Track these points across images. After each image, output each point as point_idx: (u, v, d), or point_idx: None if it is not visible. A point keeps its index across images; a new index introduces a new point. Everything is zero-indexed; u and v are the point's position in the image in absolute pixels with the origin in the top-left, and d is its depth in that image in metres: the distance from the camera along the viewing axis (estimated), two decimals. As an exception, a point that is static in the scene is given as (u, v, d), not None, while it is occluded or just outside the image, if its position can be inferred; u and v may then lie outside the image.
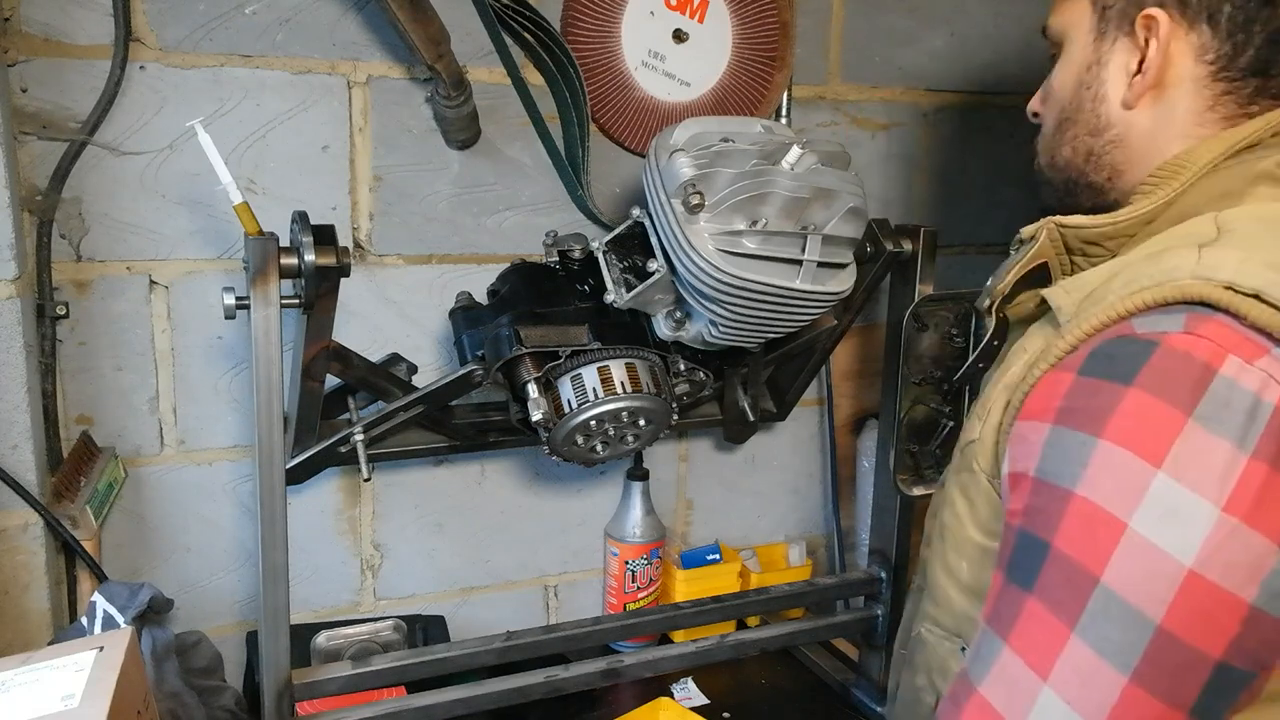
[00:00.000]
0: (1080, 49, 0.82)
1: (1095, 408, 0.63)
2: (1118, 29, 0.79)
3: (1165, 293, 0.65)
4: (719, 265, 1.01)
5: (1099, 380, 0.64)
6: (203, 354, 1.22)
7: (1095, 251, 0.80)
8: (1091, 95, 0.81)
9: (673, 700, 1.28)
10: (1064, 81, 0.84)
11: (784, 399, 1.44)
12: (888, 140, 1.55)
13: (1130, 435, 0.61)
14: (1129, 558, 0.60)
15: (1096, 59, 0.81)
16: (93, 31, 1.09)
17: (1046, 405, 0.67)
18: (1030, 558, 0.64)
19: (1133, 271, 0.69)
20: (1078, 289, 0.74)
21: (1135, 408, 0.61)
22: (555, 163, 1.31)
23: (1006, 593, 0.66)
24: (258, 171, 1.19)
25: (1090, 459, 0.62)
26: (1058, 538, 0.63)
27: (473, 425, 1.26)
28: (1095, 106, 0.81)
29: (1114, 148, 0.81)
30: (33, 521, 1.07)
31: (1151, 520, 0.59)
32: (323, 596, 1.34)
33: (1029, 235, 0.82)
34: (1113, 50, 0.80)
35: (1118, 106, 0.80)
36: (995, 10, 1.57)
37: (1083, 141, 0.83)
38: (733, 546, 1.55)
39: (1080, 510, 0.62)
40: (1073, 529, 0.62)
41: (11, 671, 0.83)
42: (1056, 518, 0.63)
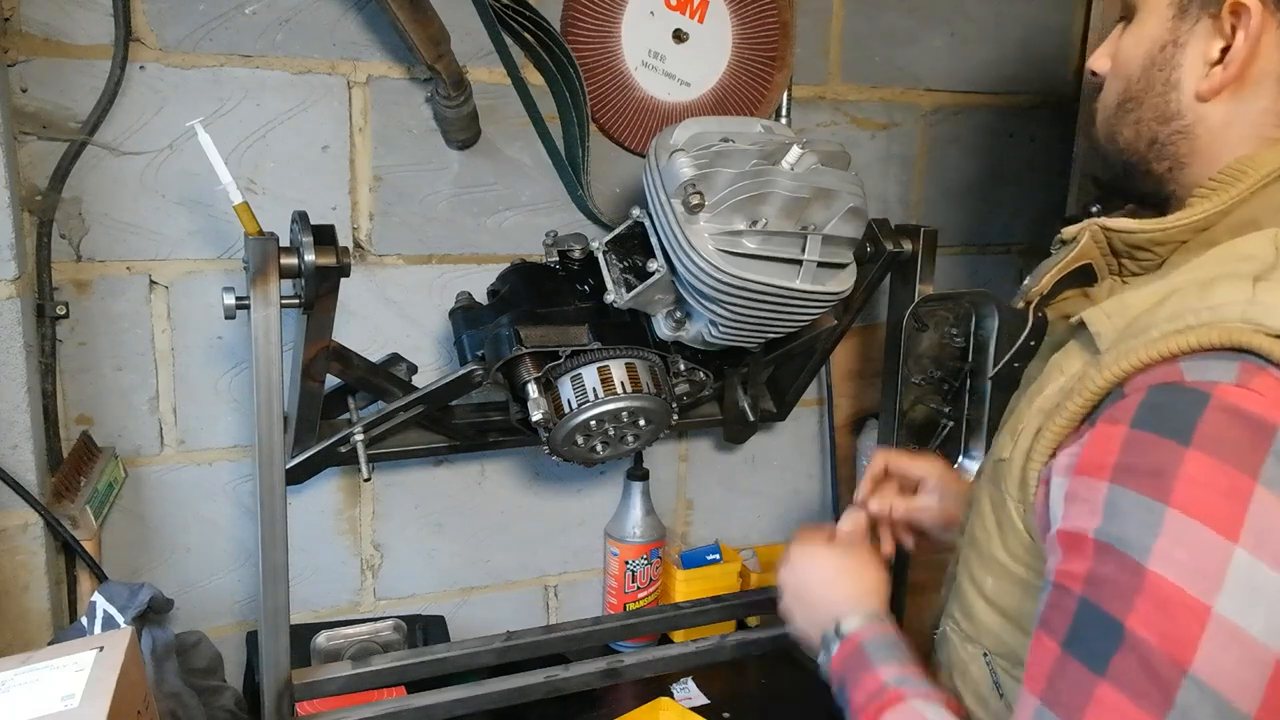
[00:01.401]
0: (1156, 23, 0.74)
1: (1155, 468, 0.59)
2: (1201, 9, 0.72)
3: (1213, 337, 0.61)
4: (719, 265, 1.01)
5: (1154, 435, 0.60)
6: (203, 354, 1.22)
7: (1144, 256, 0.75)
8: (1163, 79, 0.74)
9: (673, 700, 1.28)
10: (1133, 54, 0.76)
11: (784, 399, 1.44)
12: (888, 140, 1.55)
13: (1201, 505, 0.58)
14: (1218, 645, 0.56)
15: (1173, 39, 0.73)
16: (93, 31, 1.09)
17: (1102, 461, 0.63)
18: (1100, 637, 0.60)
19: (1180, 302, 0.65)
20: (1119, 313, 0.69)
21: (1199, 472, 0.58)
22: (555, 163, 1.31)
23: (1068, 670, 0.61)
24: (258, 171, 1.19)
25: (1161, 529, 0.58)
26: (1133, 619, 0.58)
27: (473, 425, 1.26)
28: (1166, 92, 0.74)
29: (1180, 139, 0.74)
30: (33, 521, 1.07)
31: (1237, 603, 0.56)
32: (323, 596, 1.34)
33: (1070, 236, 0.77)
34: (1193, 33, 0.72)
35: (1191, 96, 0.73)
36: (995, 10, 1.57)
37: (1148, 127, 0.75)
38: (733, 546, 1.55)
39: (1157, 591, 0.58)
40: (1150, 612, 0.58)
41: (11, 671, 0.83)
42: (1129, 595, 0.59)
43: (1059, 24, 1.63)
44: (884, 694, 0.78)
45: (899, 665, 0.80)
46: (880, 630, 0.85)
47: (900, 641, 0.84)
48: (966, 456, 1.37)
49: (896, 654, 0.82)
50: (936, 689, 0.78)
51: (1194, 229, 0.72)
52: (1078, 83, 1.65)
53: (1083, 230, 0.77)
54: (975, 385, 1.34)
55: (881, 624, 0.86)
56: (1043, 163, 1.67)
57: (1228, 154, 0.73)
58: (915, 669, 0.80)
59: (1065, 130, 1.66)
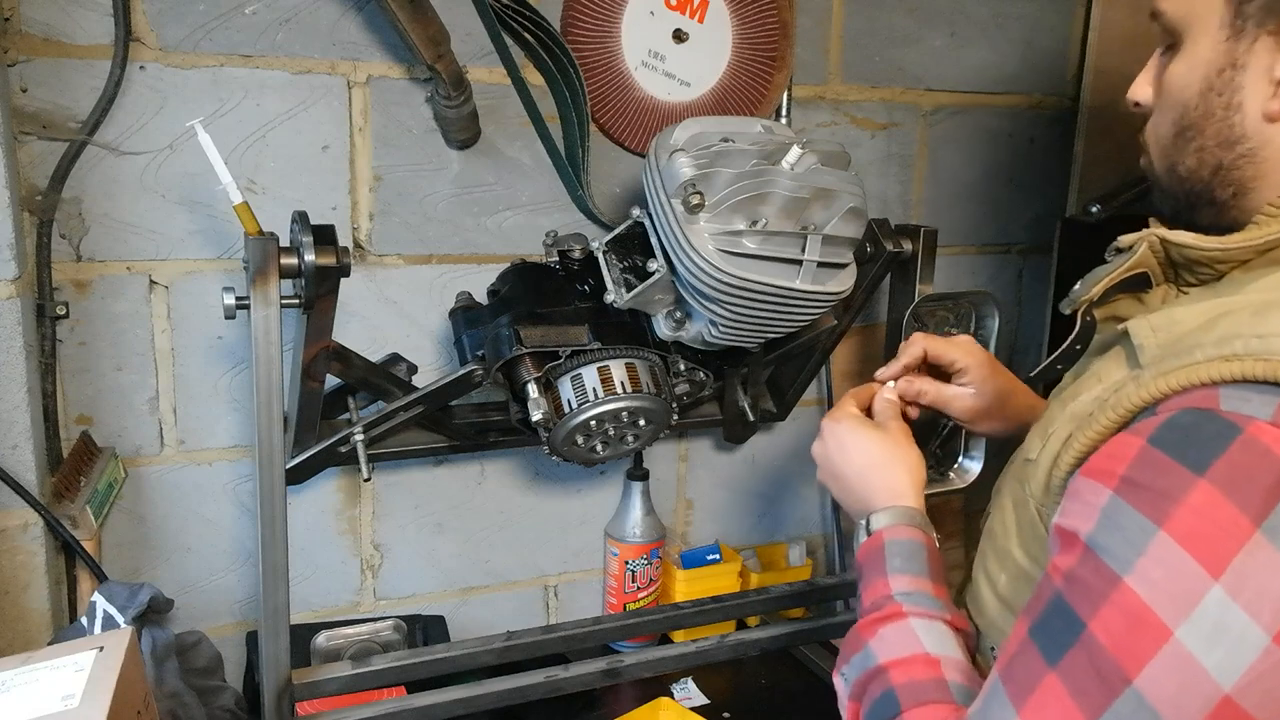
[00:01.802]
0: (1209, 47, 0.70)
1: (1161, 490, 0.59)
2: (1259, 27, 0.67)
3: (1258, 370, 0.59)
4: (719, 265, 1.01)
5: (1169, 459, 0.60)
6: (203, 354, 1.22)
7: (1203, 271, 0.73)
8: (1224, 103, 0.70)
9: (673, 700, 1.28)
10: (1186, 82, 0.72)
11: (784, 399, 1.44)
12: (888, 140, 1.55)
13: (1193, 537, 0.57)
14: (1167, 668, 0.57)
15: (1231, 62, 0.69)
16: (93, 31, 1.09)
17: (1111, 468, 0.62)
18: (1062, 630, 0.62)
19: (1231, 326, 0.63)
20: (1165, 328, 0.67)
21: (1203, 504, 0.58)
22: (555, 163, 1.31)
23: (1027, 654, 0.63)
24: (258, 171, 1.19)
25: (1147, 549, 0.59)
26: (1096, 623, 0.60)
27: (473, 425, 1.26)
28: (1228, 116, 0.70)
29: (1246, 162, 0.71)
30: (33, 521, 1.07)
31: (1199, 635, 0.57)
32: (323, 596, 1.34)
33: (1127, 245, 0.75)
34: (1252, 51, 0.68)
35: (1257, 117, 0.69)
36: (995, 10, 1.57)
37: (1211, 154, 0.72)
38: (733, 546, 1.55)
39: (1126, 603, 0.59)
40: (1114, 620, 0.59)
41: (11, 671, 0.83)
42: (1099, 600, 0.60)
43: (1059, 24, 1.63)
44: (886, 606, 0.78)
45: (911, 578, 0.79)
46: (906, 534, 0.83)
47: (922, 548, 0.82)
48: (966, 456, 1.37)
49: (913, 564, 0.80)
50: (944, 608, 0.78)
51: (1257, 250, 0.70)
52: (1078, 83, 1.65)
53: (1140, 240, 0.75)
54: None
55: (910, 526, 0.84)
56: (1042, 163, 1.67)
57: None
58: (928, 583, 0.79)
59: (1065, 130, 1.66)
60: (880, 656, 0.75)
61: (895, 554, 0.82)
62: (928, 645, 0.75)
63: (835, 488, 0.94)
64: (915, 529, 0.84)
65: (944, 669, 0.73)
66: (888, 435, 0.92)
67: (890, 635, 0.76)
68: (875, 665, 0.75)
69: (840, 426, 0.93)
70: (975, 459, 1.36)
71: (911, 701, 0.71)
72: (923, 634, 0.75)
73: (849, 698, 0.77)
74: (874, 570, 0.82)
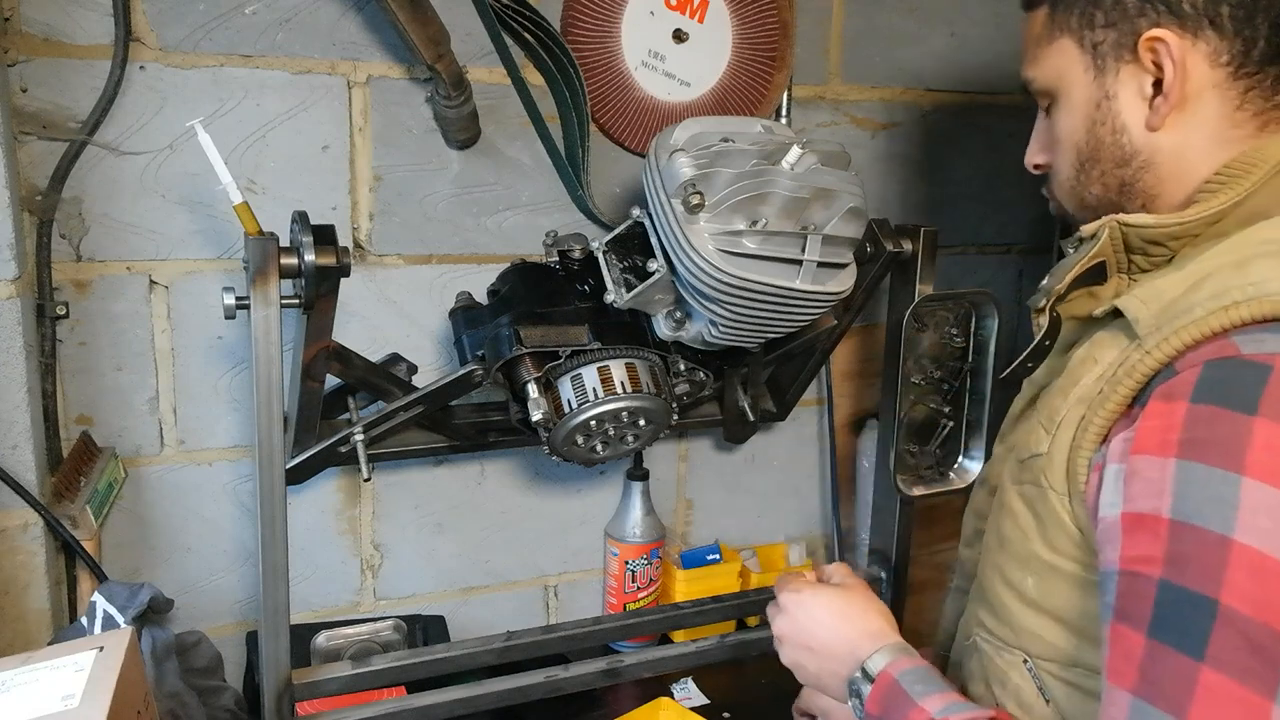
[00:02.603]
0: (1080, 90, 0.80)
1: (1224, 439, 0.59)
2: (1116, 60, 0.77)
3: (1264, 309, 0.63)
4: (719, 265, 1.01)
5: (1217, 408, 0.61)
6: (203, 354, 1.22)
7: (1156, 251, 0.78)
8: (1109, 129, 0.79)
9: (673, 700, 1.28)
10: (1072, 127, 0.82)
11: (784, 399, 1.44)
12: (888, 140, 1.55)
13: (1276, 471, 0.58)
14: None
15: (1104, 94, 0.79)
16: (93, 31, 1.09)
17: (1164, 438, 0.62)
18: (1191, 617, 0.58)
19: (1220, 282, 0.66)
20: (1154, 298, 0.70)
21: (1270, 439, 0.58)
22: (555, 163, 1.31)
23: (1161, 658, 0.58)
24: (258, 171, 1.19)
25: (1239, 499, 0.58)
26: (1226, 593, 0.56)
27: (473, 425, 1.26)
28: (1116, 138, 0.79)
29: (1144, 172, 0.79)
30: (33, 521, 1.07)
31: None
32: (323, 596, 1.34)
33: (1090, 234, 0.79)
34: (1119, 80, 0.78)
35: (1141, 131, 0.78)
36: (995, 10, 1.57)
37: (1113, 175, 0.80)
38: (733, 546, 1.55)
39: (1247, 560, 0.56)
40: (1243, 583, 0.56)
41: (11, 671, 0.83)
42: (1218, 569, 0.57)
43: (1059, 24, 1.63)
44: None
45: (940, 695, 0.76)
46: (911, 663, 0.80)
47: (933, 669, 0.80)
48: (966, 456, 1.37)
49: (934, 684, 0.77)
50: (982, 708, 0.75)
51: (1207, 222, 0.75)
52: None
53: (1102, 227, 0.78)
54: (975, 385, 1.34)
55: (909, 656, 0.81)
56: (1043, 163, 1.67)
57: (1195, 168, 0.77)
58: (955, 694, 0.76)
59: (1065, 130, 1.66)
60: None
61: (914, 682, 0.77)
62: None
63: (808, 660, 0.88)
64: (915, 658, 0.81)
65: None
66: (852, 591, 0.89)
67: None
68: None
69: (802, 594, 0.89)
70: (975, 459, 1.36)
71: None
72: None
73: None
74: (900, 706, 0.76)
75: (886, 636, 0.84)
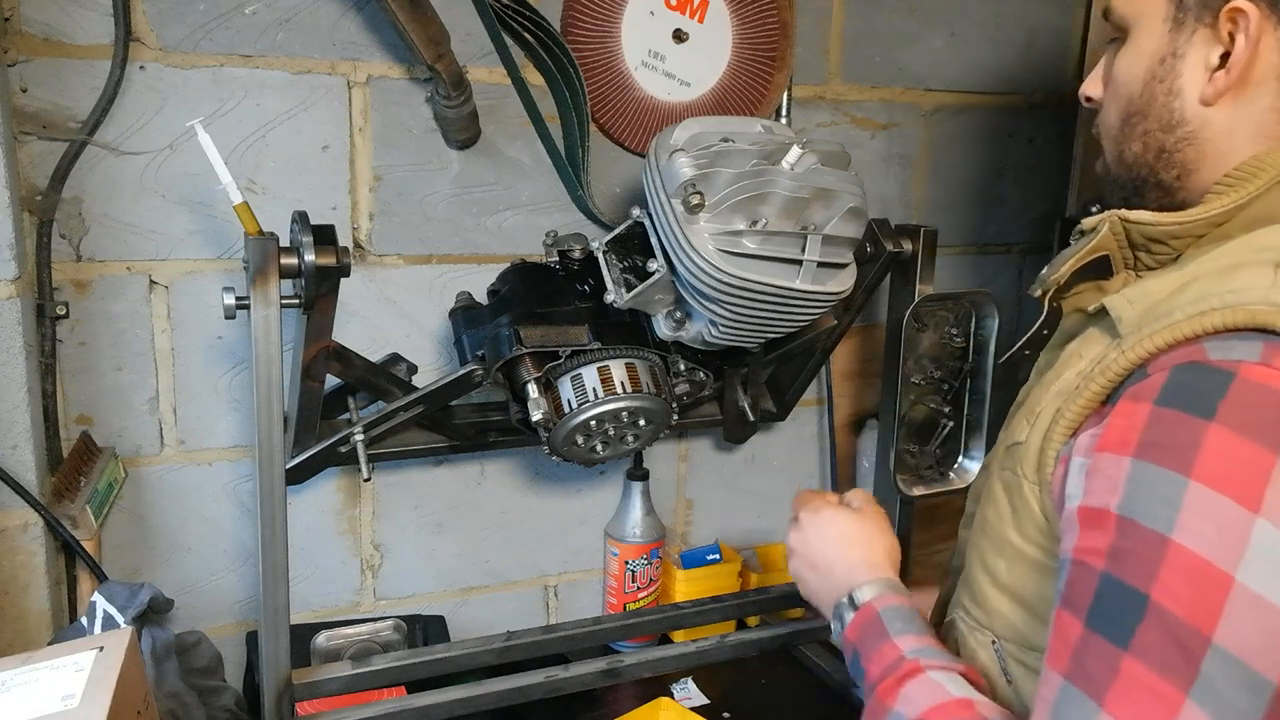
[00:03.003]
0: (1152, 38, 0.76)
1: (1179, 443, 0.60)
2: (1197, 20, 0.74)
3: (1237, 318, 0.63)
4: (719, 265, 1.01)
5: (1178, 412, 0.61)
6: (203, 354, 1.22)
7: (1160, 249, 0.77)
8: (1165, 89, 0.76)
9: (673, 700, 1.28)
10: (1132, 72, 0.78)
11: (784, 399, 1.44)
12: (888, 140, 1.55)
13: (1221, 477, 0.59)
14: (1242, 615, 0.57)
15: (1172, 50, 0.75)
16: (93, 31, 1.09)
17: (1124, 438, 0.63)
18: (1123, 610, 0.60)
19: (1203, 287, 0.67)
20: (1141, 299, 0.70)
21: (1222, 446, 0.59)
22: (555, 163, 1.31)
23: (1092, 645, 0.61)
24: (258, 171, 1.19)
25: (1183, 502, 0.59)
26: (1157, 590, 0.58)
27: (473, 425, 1.26)
28: (1168, 101, 0.76)
29: (1186, 145, 0.76)
30: (33, 521, 1.07)
31: (1260, 572, 0.57)
32: (323, 596, 1.34)
33: (1090, 227, 0.79)
34: (1190, 42, 0.75)
35: (1194, 102, 0.75)
36: (995, 10, 1.57)
37: (1154, 137, 0.77)
38: (733, 546, 1.54)
39: (1181, 561, 0.58)
40: (1175, 582, 0.58)
41: (11, 671, 0.83)
42: (1153, 566, 0.59)
43: (1059, 24, 1.63)
44: (902, 665, 0.77)
45: (916, 636, 0.79)
46: (896, 600, 0.84)
47: (916, 611, 0.83)
48: (966, 456, 1.37)
49: (914, 624, 0.81)
50: (955, 660, 0.78)
51: (1211, 223, 0.74)
52: (1077, 83, 1.62)
53: (1102, 221, 0.78)
54: (975, 385, 1.34)
55: (897, 593, 0.85)
56: (1043, 163, 1.67)
57: (1234, 155, 0.75)
58: (932, 639, 0.80)
59: (1065, 130, 1.66)
60: (910, 713, 0.73)
61: (893, 618, 0.81)
62: (954, 691, 0.73)
63: (810, 576, 0.92)
64: (903, 596, 0.85)
65: (979, 708, 0.71)
66: (866, 517, 0.94)
67: (913, 692, 0.74)
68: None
69: (819, 515, 0.94)
70: (975, 459, 1.36)
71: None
72: (946, 683, 0.74)
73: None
74: (875, 639, 0.80)
75: (881, 570, 0.88)
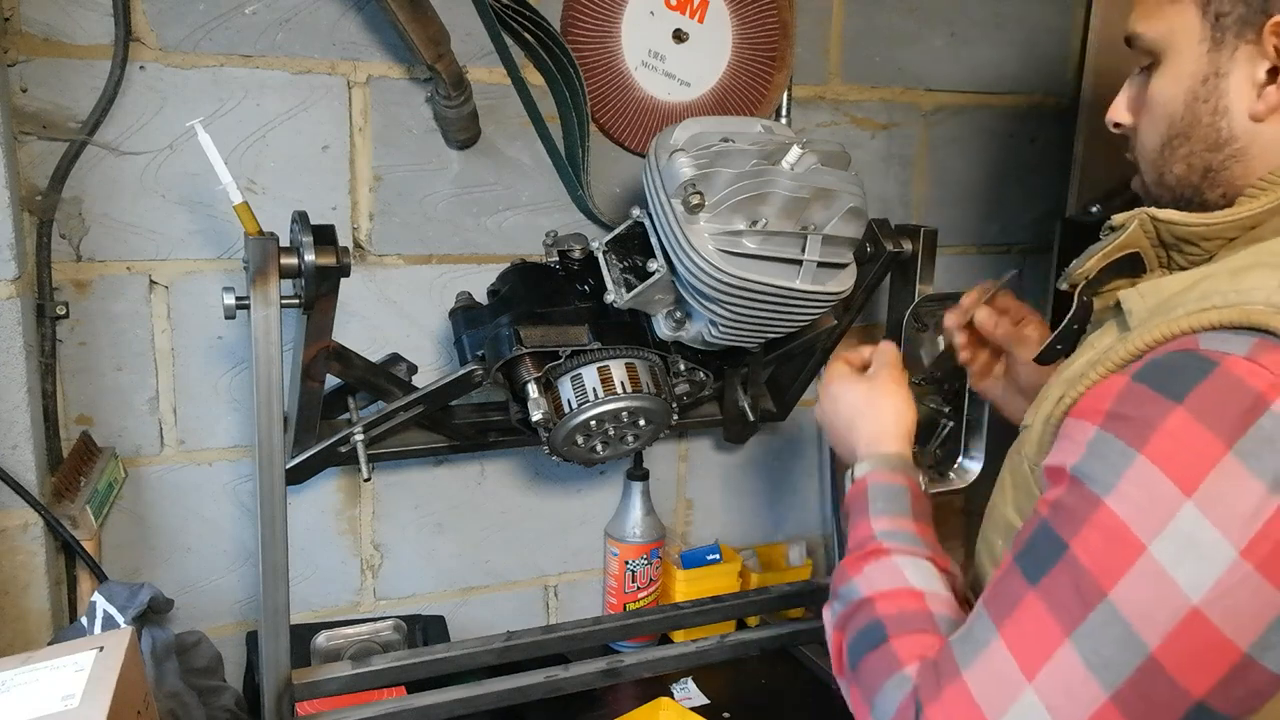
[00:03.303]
0: (1190, 60, 0.75)
1: (1141, 419, 0.63)
2: (1238, 38, 0.73)
3: (1233, 316, 0.63)
4: (719, 265, 1.01)
5: (1150, 391, 0.63)
6: (203, 354, 1.22)
7: (1191, 250, 0.76)
8: (1210, 109, 0.75)
9: (673, 700, 1.28)
10: (1171, 95, 0.77)
11: (784, 399, 1.44)
12: (888, 140, 1.55)
13: (1168, 457, 0.61)
14: (1140, 581, 0.60)
15: (1214, 70, 0.74)
16: (93, 31, 1.09)
17: (1097, 407, 0.66)
18: (1044, 552, 0.65)
19: (1212, 285, 0.67)
20: (1154, 294, 0.71)
21: (1178, 428, 0.61)
22: (555, 163, 1.31)
23: (1010, 577, 0.66)
24: (258, 171, 1.19)
25: (1126, 472, 0.62)
26: (1076, 542, 0.63)
27: (473, 425, 1.26)
28: (1214, 120, 0.75)
29: (1234, 162, 0.75)
30: (33, 521, 1.07)
31: (1171, 549, 0.59)
32: (323, 596, 1.35)
33: (1119, 223, 0.78)
34: (1234, 60, 0.73)
35: (1243, 119, 0.74)
36: (995, 10, 1.57)
37: (1200, 158, 0.76)
38: (733, 546, 1.55)
39: (1104, 522, 0.62)
40: (1093, 538, 0.62)
41: (11, 671, 0.83)
42: (1080, 522, 0.63)
43: (1059, 24, 1.63)
44: (868, 544, 0.82)
45: (891, 519, 0.83)
46: (887, 479, 0.87)
47: (904, 491, 0.86)
48: (966, 456, 1.37)
49: (894, 506, 0.84)
50: (926, 546, 0.81)
51: (1242, 226, 0.73)
52: (1077, 83, 1.65)
53: (1131, 218, 0.77)
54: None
55: (891, 471, 0.88)
56: (1043, 163, 1.67)
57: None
58: (910, 523, 0.83)
59: (1065, 130, 1.66)
60: (865, 590, 0.78)
61: (877, 497, 0.86)
62: (913, 580, 0.77)
63: (833, 442, 1.00)
64: (896, 473, 0.88)
65: (929, 602, 0.75)
66: (874, 384, 0.97)
67: (874, 572, 0.79)
68: (860, 598, 0.78)
69: (832, 386, 1.00)
70: (975, 459, 1.36)
71: (898, 630, 0.74)
72: (908, 570, 0.78)
73: (833, 628, 0.80)
74: (858, 513, 0.86)
75: (883, 445, 0.92)
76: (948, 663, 0.67)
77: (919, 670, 0.69)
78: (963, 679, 0.65)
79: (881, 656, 0.72)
